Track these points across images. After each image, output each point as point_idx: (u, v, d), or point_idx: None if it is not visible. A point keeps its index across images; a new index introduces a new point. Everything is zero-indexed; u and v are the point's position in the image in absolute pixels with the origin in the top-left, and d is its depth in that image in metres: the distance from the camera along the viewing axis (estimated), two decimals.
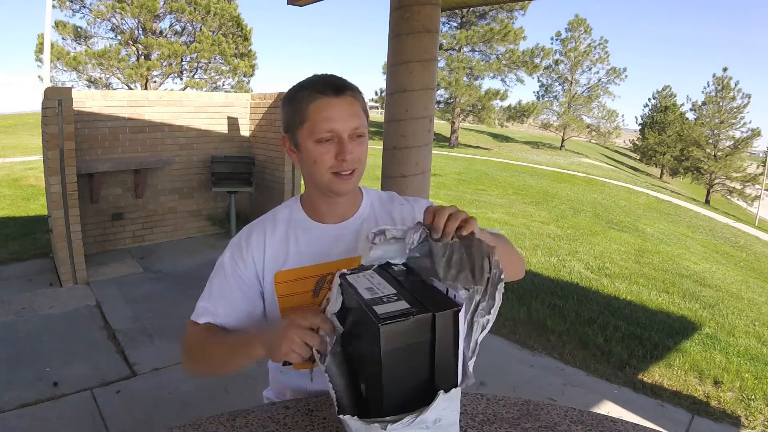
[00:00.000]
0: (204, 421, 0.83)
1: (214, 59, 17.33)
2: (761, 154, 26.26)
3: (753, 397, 2.58)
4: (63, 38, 15.81)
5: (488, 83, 44.91)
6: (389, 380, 0.60)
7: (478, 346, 0.66)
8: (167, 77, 17.20)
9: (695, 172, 24.83)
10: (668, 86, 37.15)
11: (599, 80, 26.89)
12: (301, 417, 0.86)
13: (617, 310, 3.80)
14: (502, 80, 22.86)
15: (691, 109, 26.17)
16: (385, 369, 0.60)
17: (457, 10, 20.37)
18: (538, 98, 27.45)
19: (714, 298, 4.84)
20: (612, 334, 3.18)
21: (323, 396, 0.93)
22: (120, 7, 15.26)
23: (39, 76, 14.87)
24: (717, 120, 24.25)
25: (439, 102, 22.17)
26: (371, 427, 0.59)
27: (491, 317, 0.65)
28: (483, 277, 0.66)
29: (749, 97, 23.69)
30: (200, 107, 4.69)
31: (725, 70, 24.59)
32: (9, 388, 2.23)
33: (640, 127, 30.02)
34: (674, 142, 25.86)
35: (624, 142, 33.93)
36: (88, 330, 2.87)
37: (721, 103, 24.16)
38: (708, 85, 25.25)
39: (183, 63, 17.20)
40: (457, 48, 21.87)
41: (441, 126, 24.38)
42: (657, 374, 2.73)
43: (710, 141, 24.44)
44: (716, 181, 23.80)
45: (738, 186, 23.33)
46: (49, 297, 3.27)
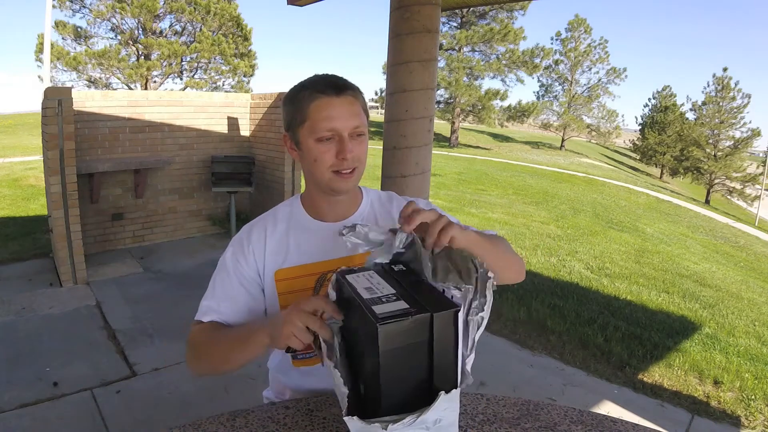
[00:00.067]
0: (204, 421, 0.83)
1: (214, 59, 17.34)
2: (761, 154, 26.26)
3: (753, 397, 2.58)
4: (63, 38, 15.82)
5: (488, 83, 44.99)
6: (387, 380, 0.60)
7: (475, 344, 0.67)
8: (167, 77, 17.21)
9: (695, 172, 24.84)
10: (668, 86, 37.24)
11: (599, 80, 26.93)
12: (301, 417, 0.86)
13: (617, 310, 3.80)
14: (502, 80, 22.90)
15: (691, 109, 26.23)
16: (383, 369, 0.60)
17: (457, 10, 20.37)
18: (538, 98, 27.47)
19: (714, 298, 4.84)
20: (612, 334, 3.18)
21: (323, 396, 0.93)
22: (120, 7, 15.26)
23: (39, 76, 14.89)
24: (717, 120, 24.26)
25: (439, 102, 22.17)
26: (372, 427, 0.59)
27: (485, 314, 0.66)
28: (471, 277, 0.67)
29: (749, 97, 23.72)
30: (200, 107, 4.70)
31: (725, 70, 24.64)
32: (9, 388, 2.23)
33: (640, 127, 30.03)
34: (674, 142, 25.87)
35: (624, 142, 33.93)
36: (88, 330, 2.87)
37: (721, 103, 24.16)
38: (708, 85, 25.30)
39: (183, 63, 17.20)
40: (457, 48, 21.87)
41: (441, 126, 24.38)
42: (657, 374, 2.73)
43: (710, 141, 24.45)
44: (716, 181, 23.81)
45: (738, 186, 23.33)
46: (49, 297, 3.27)
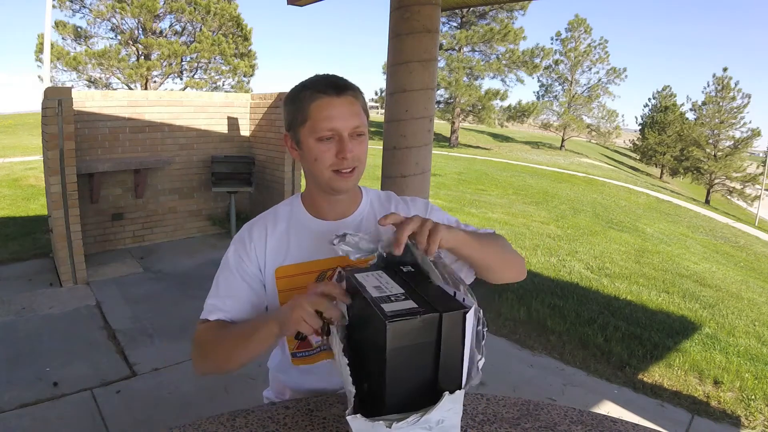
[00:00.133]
0: (204, 421, 0.83)
1: (214, 59, 17.34)
2: (761, 154, 26.24)
3: (753, 397, 2.58)
4: (63, 38, 15.82)
5: (488, 83, 45.05)
6: (393, 379, 0.60)
7: (483, 349, 0.68)
8: (167, 77, 17.21)
9: (695, 172, 24.84)
10: (668, 86, 37.21)
11: (599, 80, 26.93)
12: (301, 417, 0.86)
13: (617, 310, 3.80)
14: (502, 80, 22.89)
15: (691, 109, 26.22)
16: (389, 367, 0.60)
17: (457, 10, 20.37)
18: (538, 98, 27.46)
19: (714, 298, 4.84)
20: (612, 334, 3.18)
21: (323, 396, 0.93)
22: (120, 7, 15.26)
23: (39, 76, 14.89)
24: (717, 120, 24.25)
25: (439, 102, 22.17)
26: (376, 425, 0.59)
27: (485, 330, 0.68)
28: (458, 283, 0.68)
29: (749, 97, 23.72)
30: (200, 107, 4.70)
31: (725, 70, 24.63)
32: (9, 388, 2.23)
33: (640, 127, 30.02)
34: (674, 142, 25.86)
35: (624, 142, 33.93)
36: (88, 330, 2.87)
37: (721, 103, 24.16)
38: (708, 85, 25.31)
39: (183, 63, 17.20)
40: (457, 48, 21.87)
41: (441, 126, 24.38)
42: (657, 374, 2.73)
43: (710, 141, 24.44)
44: (716, 181, 23.81)
45: (738, 186, 23.33)
46: (49, 297, 3.27)
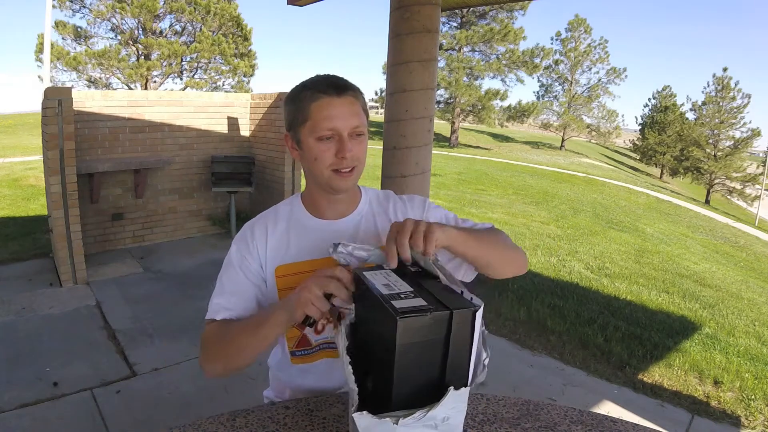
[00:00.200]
0: (204, 421, 0.83)
1: (214, 59, 17.34)
2: (761, 154, 26.25)
3: (753, 397, 2.58)
4: (63, 38, 15.82)
5: (488, 83, 45.07)
6: (400, 375, 0.61)
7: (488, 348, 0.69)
8: (167, 77, 17.21)
9: (695, 172, 24.84)
10: (668, 86, 37.24)
11: (599, 80, 26.93)
12: (301, 417, 0.86)
13: (617, 310, 3.80)
14: (502, 80, 22.90)
15: (691, 109, 26.22)
16: (398, 363, 0.60)
17: (457, 10, 20.37)
18: (538, 98, 27.47)
19: (714, 298, 4.84)
20: (612, 334, 3.18)
21: (323, 396, 0.93)
22: (120, 7, 15.26)
23: (39, 76, 14.89)
24: (717, 120, 24.25)
25: (439, 102, 22.17)
26: (383, 422, 0.58)
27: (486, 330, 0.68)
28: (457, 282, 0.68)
29: (749, 97, 23.71)
30: (200, 107, 4.70)
31: (725, 70, 24.64)
32: (9, 388, 2.23)
33: (640, 127, 30.02)
34: (674, 142, 25.86)
35: (624, 142, 33.93)
36: (88, 330, 2.87)
37: (721, 103, 24.16)
38: (708, 85, 25.31)
39: (183, 63, 17.20)
40: (457, 48, 21.88)
41: (441, 126, 24.38)
42: (657, 374, 2.73)
43: (710, 141, 24.44)
44: (716, 181, 23.81)
45: (738, 186, 23.33)
46: (49, 297, 3.27)
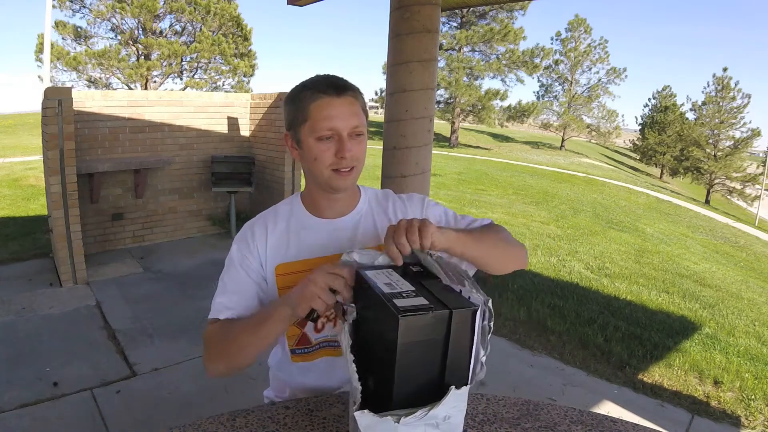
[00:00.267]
0: (204, 421, 0.83)
1: (214, 59, 17.34)
2: (761, 154, 26.25)
3: (753, 397, 2.58)
4: (63, 38, 15.82)
5: (488, 83, 45.09)
6: (401, 374, 0.61)
7: (488, 345, 0.68)
8: (167, 77, 17.21)
9: (695, 172, 24.83)
10: (668, 86, 37.24)
11: (599, 80, 26.94)
12: (301, 417, 0.86)
13: (617, 310, 3.80)
14: (502, 80, 22.90)
15: (691, 109, 26.23)
16: (399, 362, 0.60)
17: (457, 10, 20.37)
18: (538, 98, 27.47)
19: (714, 298, 4.84)
20: (612, 334, 3.18)
21: (323, 396, 0.93)
22: (120, 7, 15.26)
23: (39, 76, 14.89)
24: (717, 120, 24.25)
25: (439, 102, 22.17)
26: (384, 421, 0.58)
27: (491, 324, 0.68)
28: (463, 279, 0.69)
29: (749, 97, 23.72)
30: (200, 107, 4.69)
31: (725, 70, 24.65)
32: (9, 388, 2.23)
33: (640, 127, 30.02)
34: (674, 142, 25.86)
35: (624, 142, 33.94)
36: (88, 330, 2.87)
37: (721, 103, 24.16)
38: (708, 85, 25.31)
39: (183, 63, 17.20)
40: (457, 48, 21.87)
41: (441, 126, 24.38)
42: (657, 374, 2.73)
43: (710, 141, 24.44)
44: (716, 181, 23.81)
45: (738, 186, 23.33)
46: (49, 297, 3.27)
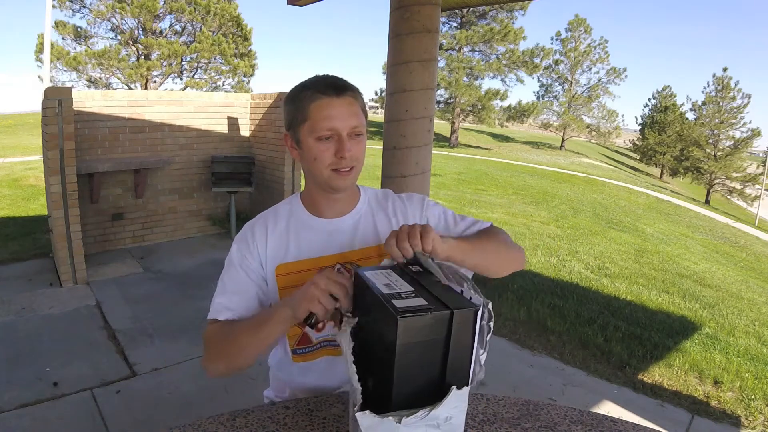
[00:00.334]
0: (204, 421, 0.83)
1: (214, 59, 17.34)
2: (761, 154, 26.25)
3: (753, 397, 2.58)
4: (63, 38, 15.82)
5: (488, 83, 45.10)
6: (401, 375, 0.60)
7: (487, 344, 0.68)
8: (167, 77, 17.21)
9: (695, 172, 24.83)
10: (668, 86, 37.24)
11: (599, 80, 26.93)
12: (301, 417, 0.86)
13: (617, 310, 3.80)
14: (502, 80, 22.91)
15: (691, 109, 26.23)
16: (398, 363, 0.60)
17: (457, 10, 20.37)
18: (538, 98, 27.46)
19: (714, 298, 4.84)
20: (612, 334, 3.18)
21: (323, 396, 0.93)
22: (120, 7, 15.26)
23: (39, 76, 14.89)
24: (717, 120, 24.25)
25: (439, 102, 22.17)
26: (385, 421, 0.58)
27: (492, 323, 0.68)
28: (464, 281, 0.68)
29: (749, 97, 23.72)
30: (200, 107, 4.69)
31: (725, 70, 24.66)
32: (9, 388, 2.23)
33: (640, 127, 30.02)
34: (674, 142, 25.86)
35: (624, 142, 33.94)
36: (88, 330, 2.87)
37: (721, 103, 24.16)
38: (708, 85, 25.32)
39: (183, 63, 17.20)
40: (457, 48, 21.87)
41: (441, 126, 24.39)
42: (657, 374, 2.73)
43: (710, 141, 24.44)
44: (716, 181, 23.81)
45: (738, 186, 23.33)
46: (49, 297, 3.27)
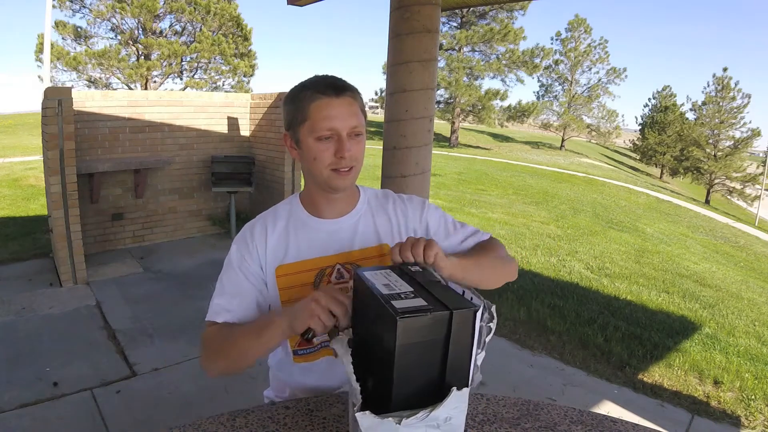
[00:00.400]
0: (204, 421, 0.83)
1: (214, 59, 17.34)
2: (761, 154, 26.25)
3: (753, 397, 2.58)
4: (63, 38, 15.82)
5: (488, 83, 45.13)
6: (400, 376, 0.60)
7: (485, 344, 0.69)
8: (167, 77, 17.21)
9: (695, 172, 24.84)
10: (668, 86, 37.23)
11: (599, 80, 26.94)
12: (301, 417, 0.86)
13: (617, 310, 3.80)
14: (502, 80, 22.92)
15: (691, 109, 26.23)
16: (397, 363, 0.59)
17: (457, 10, 20.37)
18: (538, 98, 27.47)
19: (714, 298, 4.84)
20: (612, 334, 3.18)
21: (323, 396, 0.93)
22: (120, 7, 15.26)
23: (39, 76, 14.89)
24: (717, 120, 24.26)
25: (439, 102, 22.17)
26: (385, 422, 0.58)
27: (493, 326, 0.68)
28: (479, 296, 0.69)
29: (749, 97, 23.72)
30: (200, 107, 4.69)
31: (725, 70, 24.66)
32: (9, 388, 2.23)
33: (640, 127, 30.02)
34: (674, 142, 25.87)
35: (624, 142, 33.95)
36: (88, 330, 2.87)
37: (721, 103, 24.16)
38: (708, 85, 25.33)
39: (183, 63, 17.20)
40: (457, 48, 21.88)
41: (441, 126, 24.39)
42: (657, 374, 2.73)
43: (710, 141, 24.45)
44: (716, 181, 23.81)
45: (738, 186, 23.33)
46: (49, 297, 3.27)
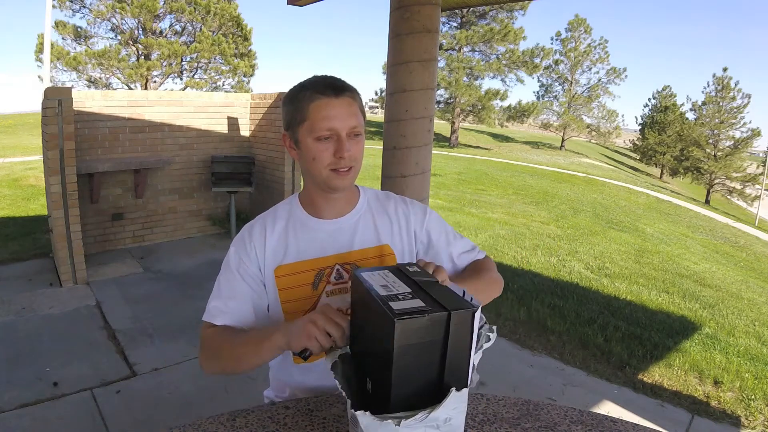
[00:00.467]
0: (204, 421, 0.83)
1: (214, 59, 17.34)
2: (761, 154, 26.25)
3: (753, 397, 2.58)
4: (63, 38, 15.82)
5: (488, 83, 45.15)
6: (399, 377, 0.60)
7: (483, 348, 0.69)
8: (167, 77, 17.21)
9: (695, 172, 24.84)
10: (668, 86, 37.22)
11: (599, 80, 26.94)
12: (301, 417, 0.86)
13: (617, 310, 3.80)
14: (502, 80, 22.91)
15: (691, 109, 26.24)
16: (395, 365, 0.60)
17: (457, 10, 20.36)
18: (538, 98, 27.47)
19: (714, 298, 4.84)
20: (612, 334, 3.18)
21: (323, 396, 0.93)
22: (120, 7, 15.26)
23: (39, 76, 14.89)
24: (717, 120, 24.26)
25: (439, 102, 22.17)
26: (384, 423, 0.58)
27: (493, 336, 0.69)
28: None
29: (749, 97, 23.72)
30: (200, 107, 4.69)
31: (725, 70, 24.66)
32: (9, 388, 2.23)
33: (640, 127, 30.02)
34: (674, 142, 25.87)
35: (624, 142, 33.94)
36: (88, 330, 2.87)
37: (721, 103, 24.16)
38: (708, 85, 25.33)
39: (183, 63, 17.20)
40: (457, 48, 21.87)
41: (441, 126, 24.40)
42: (657, 374, 2.73)
43: (710, 141, 24.45)
44: (716, 181, 23.81)
45: (738, 186, 23.33)
46: (49, 297, 3.27)
